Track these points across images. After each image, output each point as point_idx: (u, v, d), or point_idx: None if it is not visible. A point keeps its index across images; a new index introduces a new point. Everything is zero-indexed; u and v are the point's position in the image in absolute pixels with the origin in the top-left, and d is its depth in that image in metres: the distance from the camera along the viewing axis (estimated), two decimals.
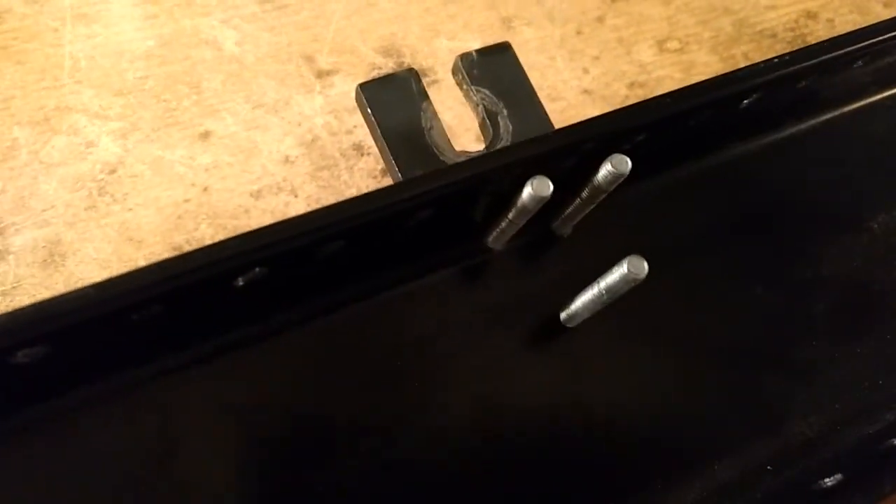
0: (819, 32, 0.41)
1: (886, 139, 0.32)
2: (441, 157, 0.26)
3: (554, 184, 0.22)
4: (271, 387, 0.22)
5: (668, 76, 0.39)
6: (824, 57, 0.27)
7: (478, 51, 0.28)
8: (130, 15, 0.36)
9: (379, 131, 0.26)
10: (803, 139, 0.31)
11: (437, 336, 0.24)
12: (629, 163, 0.22)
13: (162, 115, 0.32)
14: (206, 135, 0.32)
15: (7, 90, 0.32)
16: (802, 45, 0.41)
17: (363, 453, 0.22)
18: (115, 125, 0.32)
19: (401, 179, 0.25)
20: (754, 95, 0.27)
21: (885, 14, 0.43)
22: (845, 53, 0.28)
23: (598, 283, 0.24)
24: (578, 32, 0.39)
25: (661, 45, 0.40)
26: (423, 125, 0.26)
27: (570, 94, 0.37)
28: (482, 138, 0.28)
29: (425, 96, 0.27)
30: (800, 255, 0.29)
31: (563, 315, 0.26)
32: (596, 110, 0.37)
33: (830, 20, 0.42)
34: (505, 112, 0.27)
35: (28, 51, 0.34)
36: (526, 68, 0.29)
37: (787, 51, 0.41)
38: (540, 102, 0.28)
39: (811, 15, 0.42)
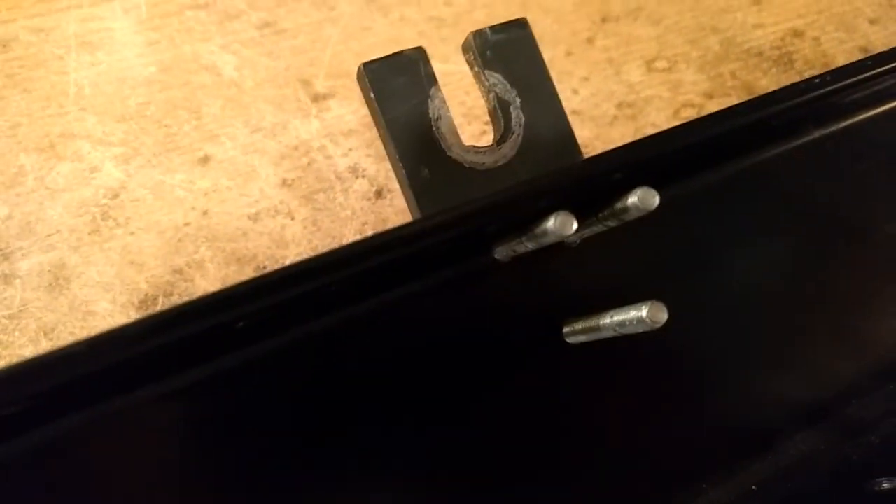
0: (805, 51, 0.42)
1: None
2: (449, 154, 0.25)
3: (574, 206, 0.21)
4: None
5: (656, 95, 0.40)
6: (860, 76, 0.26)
7: (492, 28, 0.25)
8: (133, 42, 0.38)
9: (382, 120, 0.24)
10: (825, 144, 0.29)
11: (433, 343, 0.24)
12: (657, 197, 0.21)
13: (163, 141, 0.33)
14: (205, 159, 0.33)
15: (14, 117, 0.34)
16: (788, 63, 0.42)
17: (356, 464, 0.23)
18: (118, 151, 0.33)
19: (405, 175, 0.24)
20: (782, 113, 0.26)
21: (871, 31, 0.44)
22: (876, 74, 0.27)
23: (611, 317, 0.22)
24: (568, 54, 0.40)
25: (649, 64, 0.41)
26: (431, 115, 0.24)
27: None
28: (491, 129, 0.27)
29: (434, 80, 0.25)
30: (820, 262, 0.29)
31: (566, 329, 0.25)
32: (585, 131, 0.38)
33: (816, 38, 0.43)
34: (518, 102, 0.25)
35: (34, 78, 0.35)
36: None
37: (773, 68, 0.42)
38: (556, 93, 0.26)
39: (797, 33, 0.43)
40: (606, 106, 0.39)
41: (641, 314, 0.20)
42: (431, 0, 0.42)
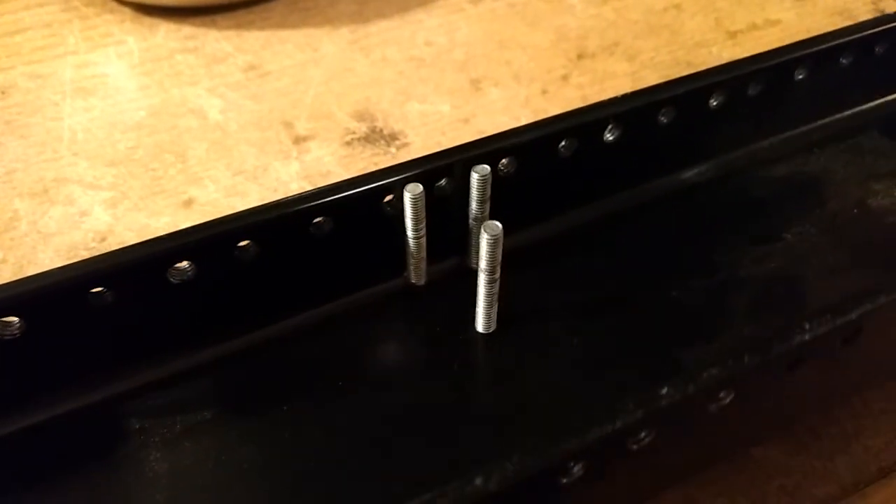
0: None
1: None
2: None
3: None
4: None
5: None
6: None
7: None
8: (125, 87, 0.40)
9: None
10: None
11: (358, 357, 0.27)
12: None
13: (149, 184, 0.35)
14: (189, 202, 0.35)
15: (10, 163, 0.36)
16: None
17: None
18: (107, 195, 0.35)
19: None
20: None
21: None
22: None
23: (479, 269, 0.25)
24: (544, 91, 0.41)
25: None
26: None
27: None
28: None
29: None
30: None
31: (478, 325, 0.27)
32: None
33: None
34: None
35: (30, 125, 0.37)
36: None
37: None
38: None
39: None
40: None
41: (485, 236, 0.24)
42: (411, 40, 0.43)
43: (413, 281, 0.28)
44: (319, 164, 0.37)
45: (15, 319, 0.23)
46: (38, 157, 0.36)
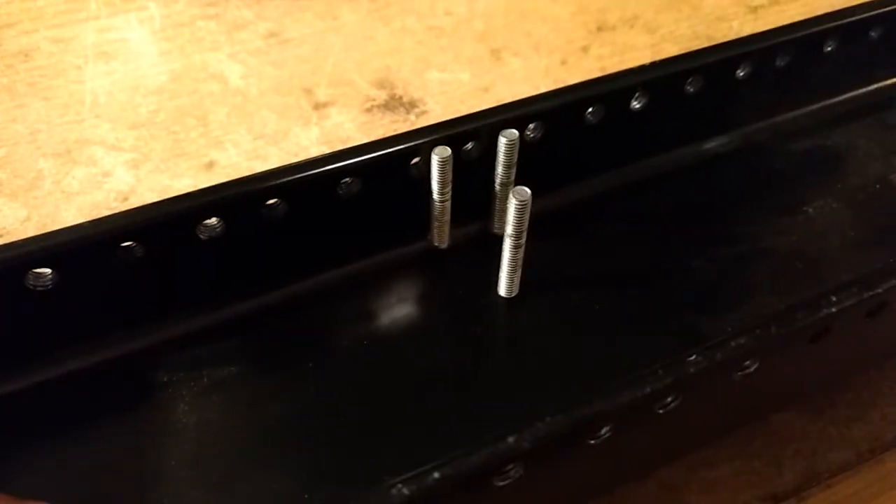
0: None
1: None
2: None
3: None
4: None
5: None
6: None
7: None
8: (146, 52, 0.40)
9: None
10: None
11: (381, 316, 0.27)
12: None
13: (171, 147, 0.35)
14: (210, 165, 0.35)
15: (34, 124, 0.36)
16: None
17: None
18: (129, 156, 0.35)
19: None
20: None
21: None
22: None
23: (505, 234, 0.26)
24: (563, 62, 0.41)
25: None
26: None
27: None
28: None
29: None
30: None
31: (500, 289, 0.28)
32: None
33: None
34: None
35: (53, 87, 0.37)
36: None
37: None
38: None
39: None
40: None
41: (513, 201, 0.24)
42: (431, 10, 0.43)
43: (436, 244, 0.28)
44: (339, 129, 0.37)
45: (47, 271, 0.23)
46: (61, 119, 0.36)
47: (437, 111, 0.38)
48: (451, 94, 0.39)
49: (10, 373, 0.24)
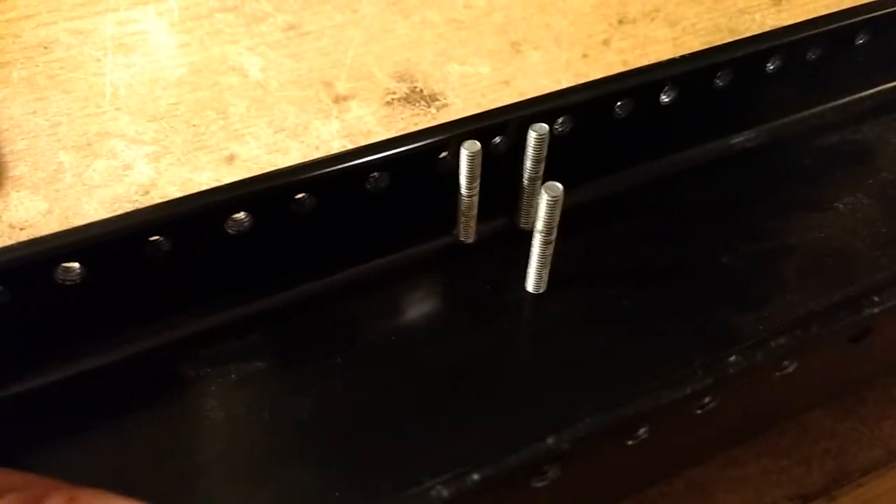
0: None
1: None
2: None
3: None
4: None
5: None
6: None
7: None
8: (165, 44, 0.39)
9: None
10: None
11: (408, 312, 0.27)
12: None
13: (191, 140, 0.35)
14: (231, 158, 0.35)
15: (55, 116, 0.36)
16: None
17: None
18: (149, 149, 0.35)
19: None
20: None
21: None
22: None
23: (535, 230, 0.25)
24: (584, 56, 0.41)
25: None
26: None
27: None
28: None
29: None
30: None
31: (528, 285, 0.27)
32: None
33: None
34: None
35: (73, 80, 0.37)
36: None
37: None
38: None
39: None
40: None
41: (544, 197, 0.24)
42: (451, 2, 0.43)
43: (462, 239, 0.28)
44: (360, 123, 0.37)
45: (76, 265, 0.23)
46: (81, 112, 0.36)
47: (458, 104, 0.38)
48: (471, 88, 0.39)
49: (38, 368, 0.24)
